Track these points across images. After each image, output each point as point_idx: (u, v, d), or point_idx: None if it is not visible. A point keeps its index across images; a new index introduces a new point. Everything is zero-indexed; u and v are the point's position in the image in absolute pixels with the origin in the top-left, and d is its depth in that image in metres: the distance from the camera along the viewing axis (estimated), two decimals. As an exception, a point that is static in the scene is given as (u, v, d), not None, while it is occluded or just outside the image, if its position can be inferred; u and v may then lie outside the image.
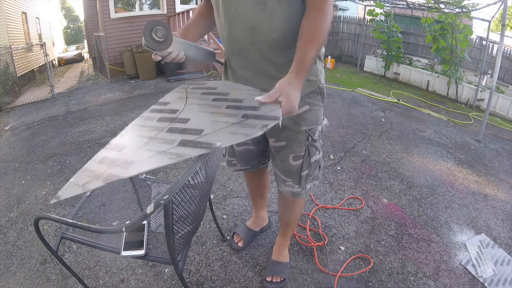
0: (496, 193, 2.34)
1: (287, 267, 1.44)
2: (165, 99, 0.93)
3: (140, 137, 0.70)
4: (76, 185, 0.57)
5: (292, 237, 1.69)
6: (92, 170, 0.60)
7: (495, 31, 9.86)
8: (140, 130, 0.74)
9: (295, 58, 0.85)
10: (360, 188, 2.22)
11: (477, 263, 1.58)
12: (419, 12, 6.44)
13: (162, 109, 0.85)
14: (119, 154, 0.64)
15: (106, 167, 0.60)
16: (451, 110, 4.87)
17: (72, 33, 27.60)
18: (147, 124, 0.76)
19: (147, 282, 1.41)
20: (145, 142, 0.66)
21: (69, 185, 0.58)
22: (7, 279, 1.46)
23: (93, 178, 0.57)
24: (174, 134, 0.67)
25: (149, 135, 0.69)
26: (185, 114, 0.77)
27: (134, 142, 0.69)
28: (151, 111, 0.85)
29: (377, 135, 3.27)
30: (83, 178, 0.58)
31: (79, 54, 14.38)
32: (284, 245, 1.47)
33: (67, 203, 2.04)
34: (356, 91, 5.23)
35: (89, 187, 0.57)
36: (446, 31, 5.48)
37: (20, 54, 6.88)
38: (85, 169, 0.61)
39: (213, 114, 0.75)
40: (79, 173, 0.60)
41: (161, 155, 0.60)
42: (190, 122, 0.71)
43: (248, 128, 0.63)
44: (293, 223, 1.41)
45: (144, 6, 6.95)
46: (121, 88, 5.60)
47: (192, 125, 0.69)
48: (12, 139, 3.42)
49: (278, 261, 1.43)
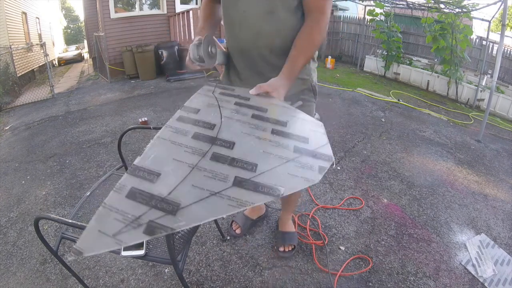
0: (496, 193, 2.34)
1: (295, 235, 1.61)
2: (193, 104, 0.79)
3: (177, 162, 0.54)
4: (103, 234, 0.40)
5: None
6: (121, 210, 0.43)
7: (495, 31, 9.85)
8: (174, 151, 0.57)
9: (286, 64, 0.93)
10: (360, 188, 2.22)
11: (477, 263, 1.58)
12: (419, 12, 6.44)
13: (194, 119, 0.70)
14: (155, 188, 0.48)
15: (142, 208, 0.44)
16: (451, 110, 4.87)
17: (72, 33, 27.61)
18: (181, 142, 0.60)
19: (147, 282, 1.41)
20: (187, 173, 0.51)
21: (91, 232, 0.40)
22: (7, 279, 1.46)
23: (128, 225, 0.41)
24: (222, 166, 0.53)
25: (190, 162, 0.54)
26: (226, 133, 0.64)
27: (172, 170, 0.52)
28: (179, 120, 0.69)
29: (377, 135, 3.27)
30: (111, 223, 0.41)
31: (79, 54, 14.37)
32: (288, 217, 1.63)
33: (67, 203, 2.04)
34: (356, 91, 5.23)
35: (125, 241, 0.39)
36: (446, 31, 5.49)
37: (20, 54, 6.88)
38: (109, 207, 0.44)
39: (261, 140, 0.63)
40: (100, 213, 0.43)
41: (217, 198, 0.46)
42: (237, 149, 0.59)
43: (307, 171, 0.54)
44: (293, 200, 1.56)
45: (144, 6, 6.95)
46: (121, 88, 5.60)
47: (241, 154, 0.57)
48: (12, 139, 3.42)
49: (286, 231, 1.60)
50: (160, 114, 3.86)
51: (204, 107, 0.79)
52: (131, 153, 2.72)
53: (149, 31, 6.68)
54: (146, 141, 2.98)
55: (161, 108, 4.11)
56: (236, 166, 0.54)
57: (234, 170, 0.53)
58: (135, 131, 3.18)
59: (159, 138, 0.62)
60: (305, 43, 0.93)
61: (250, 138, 0.65)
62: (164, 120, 3.57)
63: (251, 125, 0.70)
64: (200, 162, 0.54)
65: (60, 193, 2.17)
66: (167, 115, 3.78)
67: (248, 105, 0.81)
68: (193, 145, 0.60)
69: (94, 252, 0.39)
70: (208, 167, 0.53)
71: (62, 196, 2.12)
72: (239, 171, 0.53)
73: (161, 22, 6.88)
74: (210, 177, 0.51)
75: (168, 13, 6.83)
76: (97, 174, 2.41)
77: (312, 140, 0.66)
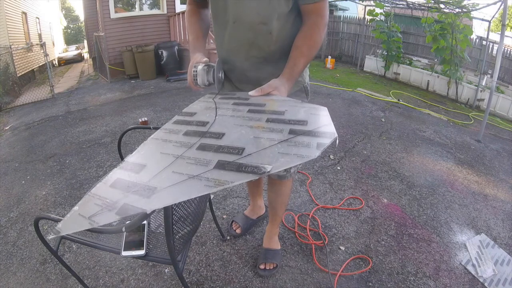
0: (496, 193, 2.34)
1: (278, 254, 1.51)
2: (190, 109, 0.81)
3: (163, 155, 0.58)
4: (81, 216, 0.45)
5: (292, 237, 1.69)
6: (102, 196, 0.48)
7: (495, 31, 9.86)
8: (163, 146, 0.61)
9: (287, 66, 0.93)
10: (360, 188, 2.22)
11: (477, 263, 1.58)
12: (419, 12, 6.44)
13: (189, 120, 0.73)
14: (137, 177, 0.52)
15: (120, 194, 0.47)
16: (451, 110, 4.87)
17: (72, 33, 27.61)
18: (171, 139, 0.64)
19: (147, 282, 1.41)
20: (170, 162, 0.54)
21: (72, 215, 0.46)
22: (7, 279, 1.46)
23: (104, 208, 0.45)
24: (207, 153, 0.55)
25: (176, 153, 0.57)
26: (217, 127, 0.66)
27: (156, 161, 0.56)
28: (175, 123, 0.73)
29: (377, 135, 3.27)
30: (91, 207, 0.46)
31: (79, 54, 14.37)
32: (274, 232, 1.53)
33: (67, 203, 2.04)
34: (356, 91, 5.23)
35: (98, 221, 0.43)
36: (446, 31, 5.48)
37: (20, 54, 6.88)
38: (92, 195, 0.49)
39: (253, 128, 0.64)
40: (84, 200, 0.48)
41: (195, 181, 0.47)
42: (226, 138, 0.60)
43: (301, 148, 0.53)
44: (281, 207, 1.45)
45: (144, 6, 6.95)
46: (121, 88, 5.60)
47: (229, 141, 0.58)
48: (12, 139, 3.42)
49: (270, 248, 1.50)
50: (160, 114, 3.86)
51: (201, 110, 0.80)
52: (131, 153, 2.72)
53: (149, 31, 6.68)
54: (146, 141, 2.98)
55: (161, 108, 4.11)
56: (221, 152, 0.55)
57: (219, 155, 0.54)
58: (135, 131, 3.18)
59: (152, 138, 0.66)
60: (305, 45, 0.93)
61: (241, 128, 0.65)
62: (164, 120, 3.57)
63: (245, 118, 0.70)
64: (186, 152, 0.57)
65: (60, 193, 2.17)
66: (167, 115, 3.78)
67: (246, 104, 0.81)
68: (182, 140, 0.62)
69: (70, 231, 0.45)
70: (193, 155, 0.55)
71: (62, 196, 2.12)
72: (224, 156, 0.53)
73: (161, 22, 6.88)
74: (192, 163, 0.52)
75: (168, 13, 6.84)
76: (97, 174, 2.41)
77: (312, 122, 0.64)
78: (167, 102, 4.43)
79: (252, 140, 0.58)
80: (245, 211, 1.78)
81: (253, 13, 0.91)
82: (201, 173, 0.49)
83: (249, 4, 0.91)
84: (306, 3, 0.92)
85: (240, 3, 0.92)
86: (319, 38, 0.94)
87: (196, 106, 0.84)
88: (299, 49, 0.93)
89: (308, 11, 0.94)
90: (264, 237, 1.56)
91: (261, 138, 0.59)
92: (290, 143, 0.55)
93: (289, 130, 0.61)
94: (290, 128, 0.61)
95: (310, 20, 0.94)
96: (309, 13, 0.94)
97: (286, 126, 0.62)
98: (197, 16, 1.12)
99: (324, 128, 0.61)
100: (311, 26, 0.93)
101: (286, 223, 1.79)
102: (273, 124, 0.65)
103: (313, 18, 0.93)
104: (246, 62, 1.02)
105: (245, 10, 0.92)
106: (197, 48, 1.04)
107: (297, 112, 0.70)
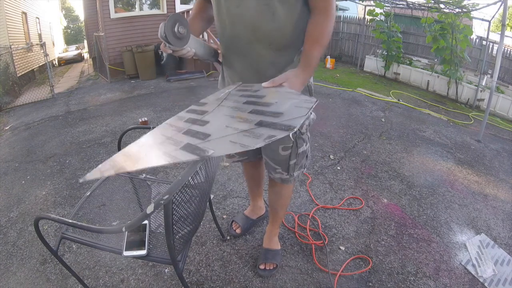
0: (496, 193, 2.34)
1: (278, 254, 1.50)
2: (206, 99, 0.89)
3: (161, 135, 0.70)
4: (98, 170, 0.60)
5: (292, 237, 1.69)
6: (115, 160, 0.62)
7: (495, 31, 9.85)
8: (166, 129, 0.73)
9: (302, 56, 0.92)
10: (360, 188, 2.22)
11: (477, 263, 1.58)
12: (419, 12, 6.44)
13: (197, 109, 0.82)
14: (139, 149, 0.66)
15: (123, 160, 0.61)
16: (451, 110, 4.87)
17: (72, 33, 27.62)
18: (175, 124, 0.75)
19: (147, 282, 1.41)
20: (161, 141, 0.67)
21: (95, 170, 0.61)
22: (7, 279, 1.46)
23: (111, 167, 0.60)
24: (186, 137, 0.65)
25: (168, 135, 0.69)
26: (210, 116, 0.75)
27: (154, 139, 0.70)
28: (187, 111, 0.83)
29: (377, 135, 3.27)
30: (106, 166, 0.61)
31: (79, 54, 14.37)
32: (274, 232, 1.53)
33: (67, 203, 2.04)
34: (356, 91, 5.23)
35: (104, 175, 0.60)
36: (446, 31, 5.48)
37: (20, 54, 6.88)
38: (110, 159, 0.63)
39: (232, 118, 0.71)
40: (106, 161, 0.62)
41: (163, 155, 0.60)
42: (207, 126, 0.69)
43: (250, 138, 0.58)
44: (281, 209, 1.45)
45: (144, 6, 6.95)
46: (121, 88, 5.60)
47: (207, 129, 0.67)
48: (12, 139, 3.42)
49: (269, 249, 1.50)
50: (160, 114, 3.86)
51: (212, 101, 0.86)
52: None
53: (149, 31, 6.68)
54: (146, 141, 2.98)
55: (161, 108, 4.11)
56: (194, 136, 0.64)
57: (190, 139, 0.64)
58: (135, 131, 3.17)
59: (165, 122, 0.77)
60: (317, 33, 0.92)
61: (226, 118, 0.72)
62: (164, 120, 3.56)
63: (235, 108, 0.77)
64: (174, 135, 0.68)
65: (60, 193, 2.17)
66: (167, 115, 3.78)
67: (248, 95, 0.85)
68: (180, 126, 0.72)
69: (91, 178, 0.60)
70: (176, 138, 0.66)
71: (62, 196, 2.12)
72: (193, 140, 0.63)
73: (161, 22, 6.87)
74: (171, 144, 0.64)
75: (168, 13, 6.83)
76: (97, 174, 2.41)
77: (287, 114, 0.67)
78: (167, 102, 4.43)
79: (223, 128, 0.65)
80: (245, 211, 1.78)
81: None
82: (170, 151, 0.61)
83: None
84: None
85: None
86: (330, 24, 0.93)
87: (212, 96, 0.91)
88: (311, 36, 0.92)
89: (316, 4, 0.92)
90: (264, 237, 1.56)
91: (230, 127, 0.65)
92: (246, 134, 0.60)
93: (258, 121, 0.65)
94: (260, 120, 0.65)
95: (319, 6, 0.92)
96: (317, 6, 0.92)
97: (260, 118, 0.66)
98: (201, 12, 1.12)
99: (290, 121, 0.62)
100: (320, 12, 0.92)
101: (286, 223, 1.79)
102: (252, 115, 0.69)
103: (321, 4, 0.91)
104: (251, 48, 0.98)
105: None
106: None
107: (283, 104, 0.72)
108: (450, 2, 5.17)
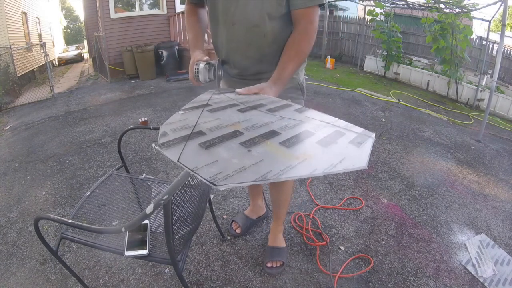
0: (496, 193, 2.34)
1: (284, 251, 1.52)
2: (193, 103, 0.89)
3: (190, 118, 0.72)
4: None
5: (292, 237, 1.69)
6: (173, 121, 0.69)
7: (495, 31, 9.85)
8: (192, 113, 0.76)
9: (276, 70, 0.97)
10: (360, 188, 2.22)
11: (477, 263, 1.58)
12: (419, 12, 6.44)
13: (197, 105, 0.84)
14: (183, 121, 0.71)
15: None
16: (451, 110, 4.87)
17: (72, 33, 27.61)
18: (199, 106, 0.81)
19: (147, 282, 1.41)
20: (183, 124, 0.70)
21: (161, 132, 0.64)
22: (7, 279, 1.46)
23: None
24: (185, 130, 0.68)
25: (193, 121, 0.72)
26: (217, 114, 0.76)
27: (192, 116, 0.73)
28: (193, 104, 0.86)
29: (377, 135, 3.27)
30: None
31: (79, 54, 14.37)
32: (278, 229, 1.55)
33: (67, 203, 2.04)
34: (356, 91, 5.23)
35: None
36: (446, 31, 5.48)
37: (20, 54, 6.88)
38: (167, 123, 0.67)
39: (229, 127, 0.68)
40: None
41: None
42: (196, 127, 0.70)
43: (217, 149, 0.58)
44: (284, 205, 1.48)
45: (144, 6, 6.95)
46: (121, 88, 5.60)
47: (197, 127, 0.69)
48: (12, 139, 3.42)
49: (275, 247, 1.52)
50: (160, 114, 3.85)
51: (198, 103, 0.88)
52: (131, 153, 2.72)
53: (149, 31, 6.68)
54: (146, 141, 2.98)
55: (161, 108, 4.11)
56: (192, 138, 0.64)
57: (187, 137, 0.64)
58: (135, 131, 3.18)
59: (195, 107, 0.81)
60: (293, 52, 0.97)
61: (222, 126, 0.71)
62: (164, 120, 3.56)
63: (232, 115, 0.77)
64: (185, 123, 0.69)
65: (60, 193, 2.17)
66: (167, 115, 3.78)
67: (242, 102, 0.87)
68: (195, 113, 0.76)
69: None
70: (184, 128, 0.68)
71: (62, 196, 2.12)
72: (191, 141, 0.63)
73: (161, 22, 6.88)
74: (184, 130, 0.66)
75: (168, 13, 6.83)
76: (97, 174, 2.41)
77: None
78: (167, 102, 4.43)
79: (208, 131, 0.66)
80: (245, 211, 1.78)
81: (248, 16, 0.97)
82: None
83: (244, 7, 0.96)
84: (296, 8, 0.95)
85: (238, 6, 0.97)
86: (308, 44, 0.98)
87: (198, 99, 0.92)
88: (288, 54, 0.97)
89: (298, 16, 0.96)
90: (269, 236, 1.58)
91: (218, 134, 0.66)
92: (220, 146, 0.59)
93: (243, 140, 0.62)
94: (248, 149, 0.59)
95: (300, 25, 0.97)
96: (299, 18, 0.96)
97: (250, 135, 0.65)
98: (196, 16, 1.17)
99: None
100: (300, 32, 0.97)
101: (286, 223, 1.79)
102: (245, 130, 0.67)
103: (302, 23, 0.96)
104: (245, 61, 1.08)
105: (242, 13, 0.97)
106: (197, 46, 1.10)
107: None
108: (450, 2, 5.17)
